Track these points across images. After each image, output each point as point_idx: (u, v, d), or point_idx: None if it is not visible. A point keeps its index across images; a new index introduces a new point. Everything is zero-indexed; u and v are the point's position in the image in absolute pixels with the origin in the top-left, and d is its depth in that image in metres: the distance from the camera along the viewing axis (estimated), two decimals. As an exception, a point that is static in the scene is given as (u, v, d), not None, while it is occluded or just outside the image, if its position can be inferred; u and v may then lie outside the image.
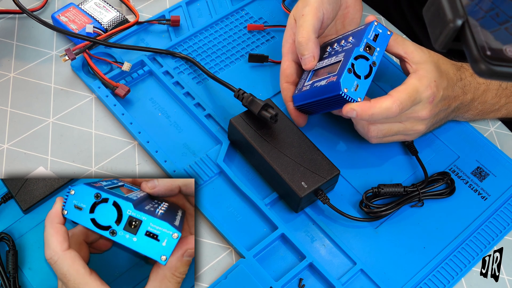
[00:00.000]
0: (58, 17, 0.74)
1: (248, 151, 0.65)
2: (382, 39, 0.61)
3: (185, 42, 0.75)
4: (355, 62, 0.59)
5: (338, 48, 0.63)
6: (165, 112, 0.69)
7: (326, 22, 0.66)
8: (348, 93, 0.58)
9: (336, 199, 0.63)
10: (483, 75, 0.35)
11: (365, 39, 0.60)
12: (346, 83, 0.58)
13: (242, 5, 0.80)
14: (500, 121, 0.72)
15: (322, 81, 0.61)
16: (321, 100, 0.62)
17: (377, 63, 0.60)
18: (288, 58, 0.67)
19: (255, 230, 0.61)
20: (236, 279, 0.58)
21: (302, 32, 0.63)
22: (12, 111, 0.69)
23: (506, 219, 0.64)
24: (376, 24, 0.61)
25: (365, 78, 0.59)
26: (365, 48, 0.60)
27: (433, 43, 0.38)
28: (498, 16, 0.37)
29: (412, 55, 0.61)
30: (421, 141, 0.68)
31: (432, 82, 0.59)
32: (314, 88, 0.62)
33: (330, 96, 0.60)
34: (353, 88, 0.59)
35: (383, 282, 0.59)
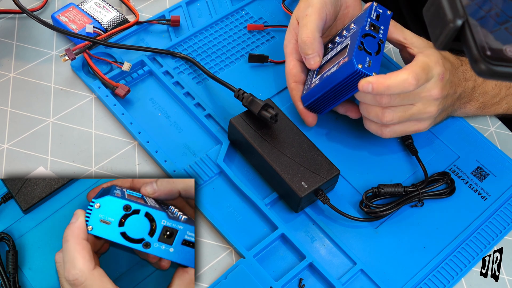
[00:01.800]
0: (58, 17, 0.74)
1: (248, 151, 0.65)
2: (384, 18, 0.63)
3: (185, 42, 0.75)
4: (364, 40, 0.60)
5: (341, 39, 0.64)
6: (165, 112, 0.69)
7: (328, 23, 0.66)
8: (362, 69, 0.58)
9: (336, 199, 0.63)
10: (483, 75, 0.35)
11: (368, 18, 0.62)
12: (359, 60, 0.59)
13: (242, 5, 0.80)
14: (500, 121, 0.72)
15: (332, 68, 0.62)
16: (335, 87, 0.61)
17: (384, 40, 0.62)
18: (293, 58, 0.67)
19: (255, 230, 0.61)
20: (236, 279, 0.58)
21: (306, 31, 0.63)
22: (12, 111, 0.69)
23: (506, 219, 0.64)
24: (376, 4, 0.63)
25: (376, 55, 0.60)
26: (370, 27, 0.61)
27: (433, 43, 0.38)
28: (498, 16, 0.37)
29: (411, 41, 0.63)
30: (421, 141, 0.68)
31: (440, 60, 0.59)
32: (325, 78, 0.62)
33: (345, 77, 0.60)
34: (367, 64, 0.59)
35: (383, 282, 0.59)
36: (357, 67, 0.58)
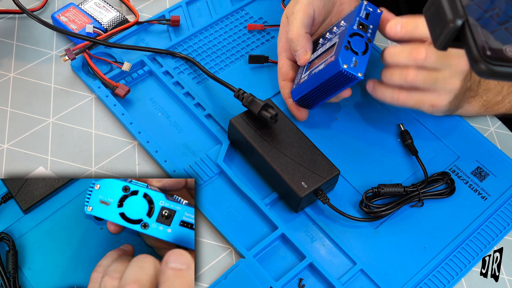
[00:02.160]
0: (58, 17, 0.74)
1: (248, 151, 0.65)
2: (374, 17, 0.63)
3: (185, 42, 0.75)
4: (351, 40, 0.60)
5: (330, 36, 0.65)
6: (165, 112, 0.69)
7: (318, 19, 0.67)
8: (348, 69, 0.58)
9: (336, 199, 0.63)
10: (483, 75, 0.35)
11: (357, 17, 0.62)
12: (345, 60, 0.59)
13: (242, 5, 0.80)
14: (500, 121, 0.72)
15: (320, 66, 0.62)
16: (322, 85, 0.62)
17: (372, 39, 0.61)
18: (283, 57, 0.69)
19: (255, 230, 0.61)
20: (236, 279, 0.58)
21: (292, 29, 0.64)
22: (12, 111, 0.69)
23: (506, 219, 0.64)
24: (366, 3, 0.63)
25: (362, 54, 0.60)
26: (358, 26, 0.61)
27: (433, 43, 0.38)
28: (498, 16, 0.37)
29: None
30: (421, 141, 0.68)
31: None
32: (312, 75, 0.63)
33: (331, 76, 0.60)
34: (352, 64, 0.59)
35: (383, 282, 0.59)
36: (342, 67, 0.58)
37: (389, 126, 0.70)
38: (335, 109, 0.71)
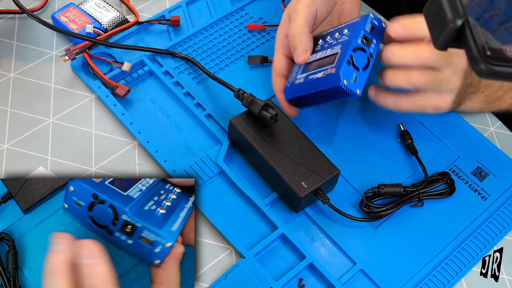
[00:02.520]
0: (58, 17, 0.74)
1: (248, 151, 0.65)
2: (378, 32, 0.61)
3: (185, 42, 0.75)
4: (354, 54, 0.59)
5: (332, 41, 0.63)
6: (165, 112, 0.69)
7: (320, 18, 0.66)
8: (347, 85, 0.58)
9: (336, 199, 0.63)
10: (483, 75, 0.35)
11: (362, 31, 0.60)
12: (345, 75, 0.58)
13: (242, 5, 0.80)
14: (500, 120, 0.72)
15: (319, 73, 0.61)
16: (318, 93, 0.61)
17: (374, 55, 0.60)
18: (279, 53, 0.67)
19: (255, 230, 0.61)
20: (236, 279, 0.58)
21: (295, 26, 0.63)
22: (12, 111, 0.69)
23: (506, 219, 0.64)
24: (372, 16, 0.61)
25: (363, 70, 0.59)
26: (362, 40, 0.60)
27: (433, 43, 0.38)
28: (498, 16, 0.37)
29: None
30: (421, 141, 0.68)
31: None
32: (309, 80, 0.62)
33: (328, 88, 0.59)
34: (352, 80, 0.58)
35: (383, 282, 0.59)
36: (342, 83, 0.58)
37: (389, 126, 0.70)
38: (335, 109, 0.71)
